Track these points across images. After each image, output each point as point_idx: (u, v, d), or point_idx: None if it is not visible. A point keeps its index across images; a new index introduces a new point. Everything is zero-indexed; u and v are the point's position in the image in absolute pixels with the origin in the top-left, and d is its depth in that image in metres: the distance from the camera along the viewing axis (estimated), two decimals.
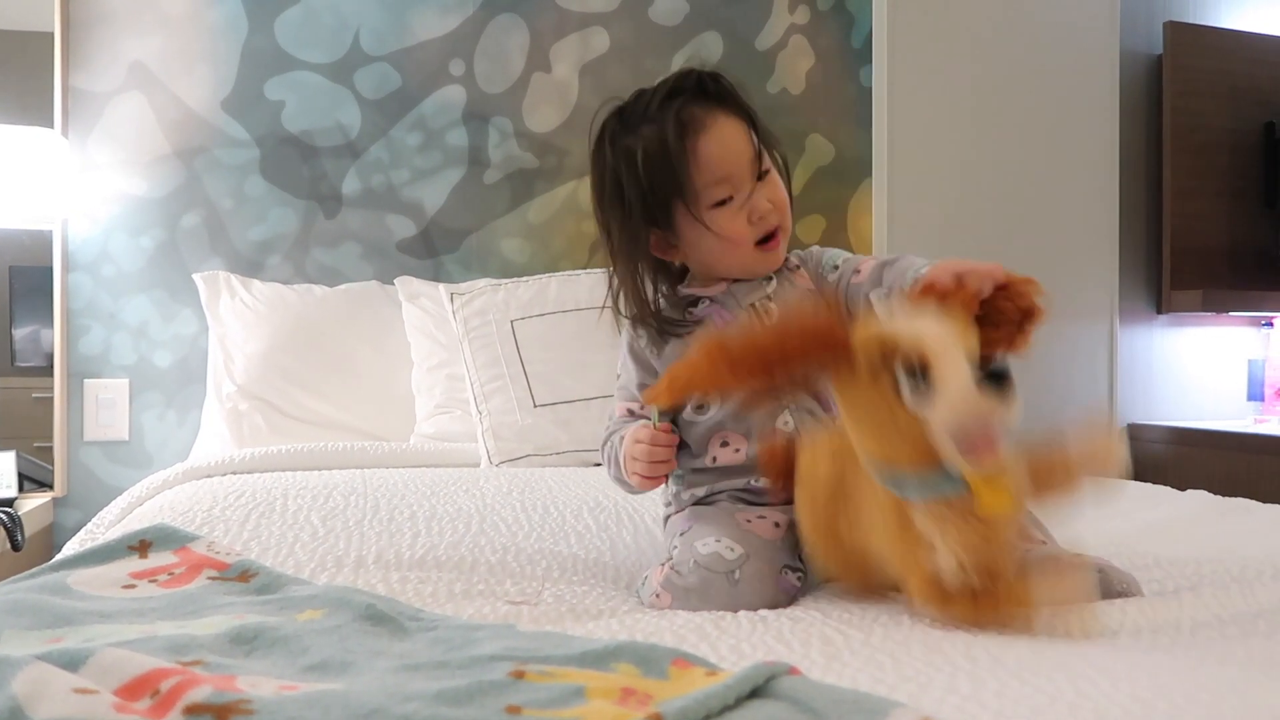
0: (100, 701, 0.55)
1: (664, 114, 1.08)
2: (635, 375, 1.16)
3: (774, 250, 1.13)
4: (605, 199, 1.14)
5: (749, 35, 2.55)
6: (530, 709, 0.58)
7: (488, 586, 1.00)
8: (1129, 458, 2.89)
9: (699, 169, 1.08)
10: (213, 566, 0.95)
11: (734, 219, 1.10)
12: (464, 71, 2.39)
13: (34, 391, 2.21)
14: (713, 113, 1.10)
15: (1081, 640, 0.79)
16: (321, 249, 2.31)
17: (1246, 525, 1.32)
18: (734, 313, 1.13)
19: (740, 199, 1.10)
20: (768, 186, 1.12)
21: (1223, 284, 2.83)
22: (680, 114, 1.08)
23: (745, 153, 1.10)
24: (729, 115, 1.10)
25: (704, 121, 1.09)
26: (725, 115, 1.10)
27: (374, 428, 2.08)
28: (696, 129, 1.08)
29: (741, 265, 1.14)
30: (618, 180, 1.11)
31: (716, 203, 1.10)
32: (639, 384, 1.16)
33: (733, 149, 1.09)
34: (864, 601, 0.96)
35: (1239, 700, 0.66)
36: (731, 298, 1.14)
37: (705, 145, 1.08)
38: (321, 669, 0.68)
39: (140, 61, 2.23)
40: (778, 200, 1.12)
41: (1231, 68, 2.85)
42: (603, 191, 1.14)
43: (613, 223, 1.14)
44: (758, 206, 1.10)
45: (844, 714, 0.58)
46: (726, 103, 1.11)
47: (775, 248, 1.13)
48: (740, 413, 1.08)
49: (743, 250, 1.12)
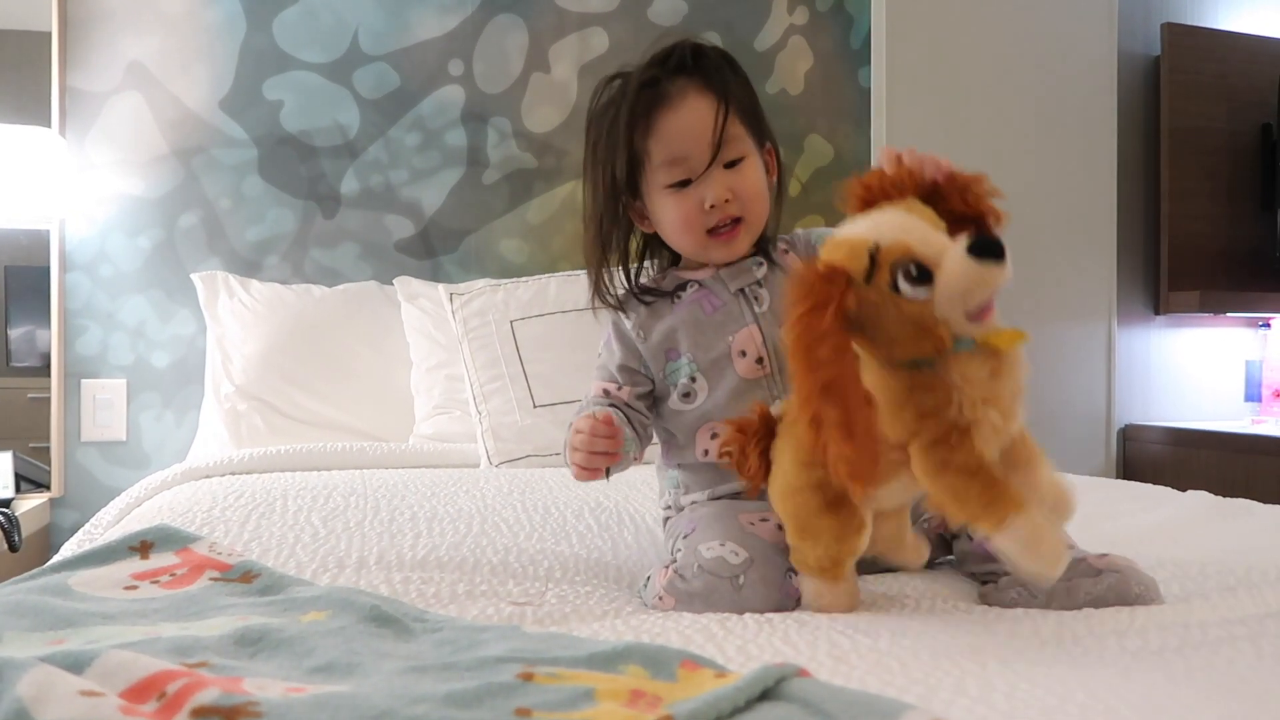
0: (106, 704, 0.55)
1: (641, 87, 1.08)
2: (619, 356, 1.15)
3: (728, 241, 1.10)
4: (588, 162, 1.15)
5: (748, 36, 2.55)
6: (540, 711, 0.58)
7: (491, 587, 0.99)
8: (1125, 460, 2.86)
9: (657, 145, 1.07)
10: (215, 567, 0.94)
11: (683, 202, 1.09)
12: (463, 71, 2.38)
13: (29, 391, 2.20)
14: (684, 90, 1.08)
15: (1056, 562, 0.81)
16: (320, 249, 2.31)
17: (1249, 526, 1.32)
18: (721, 298, 1.12)
19: (700, 183, 1.08)
20: (733, 175, 1.09)
21: (1220, 285, 2.83)
22: (647, 83, 1.07)
23: (705, 136, 1.07)
24: (702, 95, 1.08)
25: (670, 97, 1.07)
26: (698, 95, 1.08)
27: (373, 428, 2.08)
28: (662, 104, 1.07)
29: (694, 250, 1.13)
30: (595, 143, 1.12)
31: (675, 183, 1.08)
32: (620, 365, 1.14)
33: (691, 130, 1.07)
34: (870, 606, 0.96)
35: (1250, 701, 0.66)
36: (720, 283, 1.13)
37: (665, 122, 1.07)
38: (328, 671, 0.67)
39: (138, 61, 2.22)
40: (742, 190, 1.09)
41: (1229, 70, 2.86)
42: (586, 154, 1.15)
43: (592, 188, 1.14)
44: (710, 194, 1.07)
45: (855, 716, 0.58)
46: (708, 81, 1.08)
47: (728, 239, 1.10)
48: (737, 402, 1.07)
49: (693, 236, 1.10)
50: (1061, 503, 0.87)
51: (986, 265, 0.79)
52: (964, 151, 2.76)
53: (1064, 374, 2.70)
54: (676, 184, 1.08)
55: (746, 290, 1.12)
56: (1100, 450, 2.74)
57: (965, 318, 0.80)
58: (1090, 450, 2.72)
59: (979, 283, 0.79)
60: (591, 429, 1.00)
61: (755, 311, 1.12)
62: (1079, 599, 0.92)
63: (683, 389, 1.11)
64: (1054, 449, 0.85)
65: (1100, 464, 2.73)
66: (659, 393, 1.15)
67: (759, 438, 0.95)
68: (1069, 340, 2.71)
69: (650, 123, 1.07)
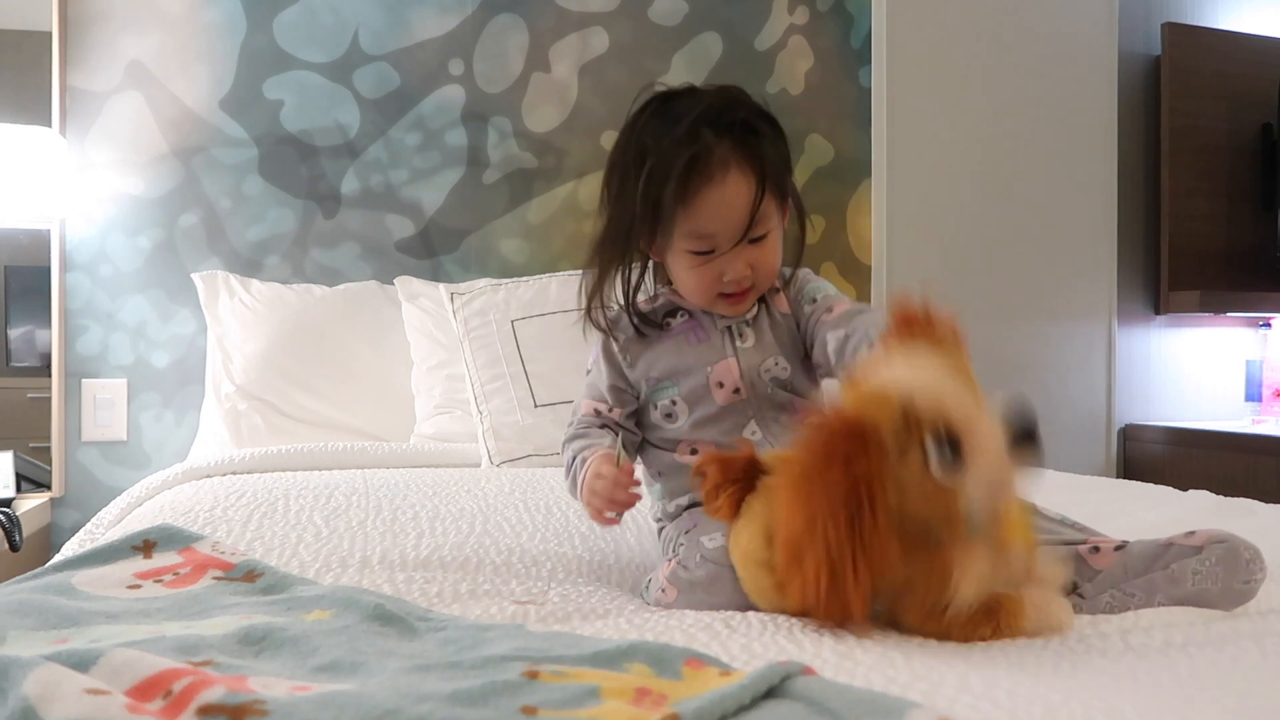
0: (112, 702, 0.55)
1: (687, 143, 1.04)
2: (607, 377, 1.15)
3: (736, 303, 1.12)
4: (610, 185, 1.12)
5: (748, 35, 2.55)
6: (546, 709, 0.58)
7: (494, 586, 0.99)
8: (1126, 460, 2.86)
9: (686, 214, 1.05)
10: (218, 567, 0.94)
11: (701, 271, 1.09)
12: (463, 71, 2.38)
13: (29, 391, 2.20)
14: (726, 163, 1.04)
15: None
16: (320, 249, 2.31)
17: (1250, 526, 1.32)
18: (707, 331, 1.14)
19: (721, 256, 1.07)
20: (755, 250, 1.08)
21: (1221, 285, 2.84)
22: (699, 154, 1.04)
23: (738, 220, 1.06)
24: (741, 172, 1.05)
25: (711, 170, 1.04)
26: (738, 171, 1.05)
27: (374, 428, 2.07)
28: (703, 176, 1.04)
29: (701, 303, 1.13)
30: (624, 175, 1.09)
31: (697, 251, 1.08)
32: (610, 386, 1.15)
33: (725, 213, 1.06)
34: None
35: (1253, 699, 0.66)
36: (709, 317, 1.14)
37: (700, 195, 1.04)
38: (332, 669, 0.67)
39: (138, 61, 2.22)
40: (761, 264, 1.09)
41: (1229, 69, 2.86)
42: (611, 176, 1.12)
43: (608, 211, 1.12)
44: (732, 269, 1.07)
45: (861, 714, 0.58)
46: (749, 154, 1.06)
47: (737, 301, 1.11)
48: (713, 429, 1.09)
49: (702, 296, 1.11)
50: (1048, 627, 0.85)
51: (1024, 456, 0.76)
52: (964, 151, 2.79)
53: (1064, 373, 2.70)
54: (698, 252, 1.08)
55: (733, 327, 1.14)
56: (1100, 450, 2.74)
57: (988, 500, 0.79)
58: (1091, 450, 2.73)
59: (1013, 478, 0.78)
60: (615, 479, 1.01)
61: (736, 346, 1.13)
62: (1186, 582, 0.89)
63: (664, 409, 1.13)
64: (1055, 449, 0.85)
65: (1100, 464, 2.74)
66: (640, 406, 1.16)
67: (736, 483, 0.94)
68: (1069, 340, 2.71)
69: (685, 191, 1.04)
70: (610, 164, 1.13)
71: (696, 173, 1.04)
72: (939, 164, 2.62)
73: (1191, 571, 0.89)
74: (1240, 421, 2.83)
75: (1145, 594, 0.90)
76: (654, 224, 1.07)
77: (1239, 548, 0.89)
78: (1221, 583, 0.88)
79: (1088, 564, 0.94)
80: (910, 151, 2.59)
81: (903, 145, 2.59)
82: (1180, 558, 0.90)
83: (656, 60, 2.50)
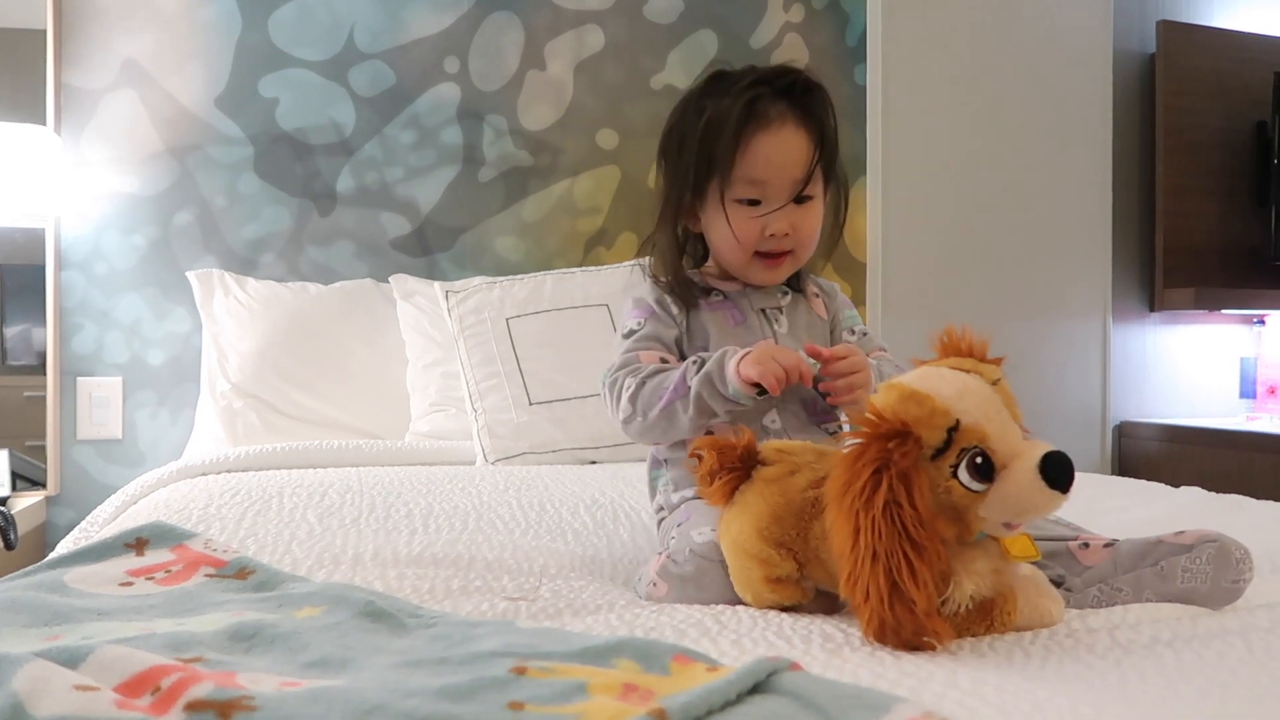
0: (101, 699, 0.55)
1: (743, 95, 1.08)
2: (667, 330, 1.15)
3: (773, 267, 1.14)
4: (668, 148, 1.16)
5: (744, 33, 2.56)
6: (533, 705, 0.58)
7: (485, 583, 1.00)
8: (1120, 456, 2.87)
9: (742, 160, 1.08)
10: (210, 564, 0.95)
11: (747, 221, 1.11)
12: (458, 69, 2.38)
13: (25, 390, 2.20)
14: (785, 117, 1.09)
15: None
16: (315, 247, 2.31)
17: (1241, 521, 1.33)
18: (744, 314, 1.15)
19: (766, 208, 1.10)
20: (800, 212, 1.11)
21: (1215, 282, 2.84)
22: (755, 102, 1.08)
23: (792, 168, 1.09)
24: (799, 128, 1.10)
25: (771, 120, 1.09)
26: (796, 126, 1.10)
27: (369, 426, 2.08)
28: (761, 122, 1.08)
29: (737, 266, 1.15)
30: (683, 134, 1.13)
31: (746, 200, 1.10)
32: (675, 339, 1.15)
33: (781, 158, 1.09)
34: None
35: (1240, 695, 0.67)
36: (744, 299, 1.16)
37: (759, 142, 1.08)
38: (322, 665, 0.67)
39: (133, 59, 2.22)
40: (803, 228, 1.12)
41: (1224, 67, 2.87)
42: (669, 139, 1.16)
43: (665, 173, 1.16)
44: (774, 224, 1.10)
45: (846, 709, 0.58)
46: (808, 118, 1.11)
47: (775, 265, 1.14)
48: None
49: (742, 253, 1.13)
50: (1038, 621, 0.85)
51: (1053, 494, 0.77)
52: (959, 149, 2.79)
53: (1059, 370, 2.71)
54: (745, 200, 1.11)
55: (768, 311, 1.16)
56: (1095, 446, 2.75)
57: (1003, 524, 0.80)
58: (1085, 446, 2.73)
59: (1038, 507, 0.78)
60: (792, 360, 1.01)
61: (774, 330, 1.15)
62: (1175, 579, 0.90)
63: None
64: None
65: (1095, 460, 2.74)
66: None
67: (733, 471, 0.95)
68: (1065, 337, 2.72)
69: (740, 136, 1.08)
70: (667, 129, 1.17)
71: (753, 119, 1.08)
72: (934, 161, 2.62)
73: (1181, 569, 0.89)
74: (1234, 418, 2.83)
75: (1133, 590, 0.91)
76: (708, 174, 1.10)
77: (1230, 547, 0.90)
78: (1210, 581, 0.89)
79: (1077, 559, 0.95)
80: (905, 149, 2.60)
81: (898, 143, 2.59)
82: (1170, 555, 0.90)
83: (652, 58, 2.50)
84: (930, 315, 2.44)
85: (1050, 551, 0.95)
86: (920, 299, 2.62)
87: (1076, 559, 0.95)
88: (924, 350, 1.23)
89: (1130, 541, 0.94)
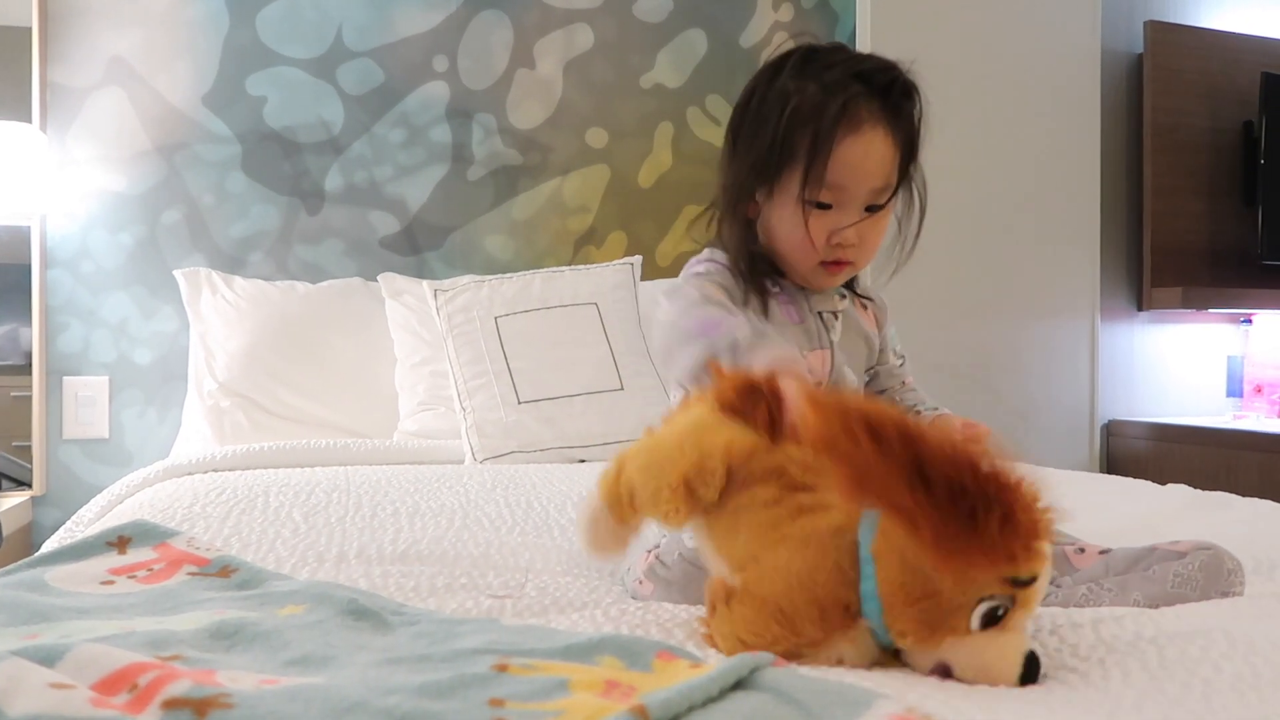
0: (76, 696, 0.55)
1: (837, 90, 1.01)
2: (730, 301, 1.04)
3: (834, 274, 1.08)
4: (742, 127, 1.07)
5: (733, 33, 2.56)
6: (513, 701, 0.58)
7: (470, 580, 0.99)
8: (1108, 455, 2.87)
9: (823, 161, 1.01)
10: (192, 562, 0.94)
11: (816, 225, 1.03)
12: (447, 68, 2.38)
13: (12, 390, 2.19)
14: (875, 122, 1.02)
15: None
16: (304, 245, 2.30)
17: (1227, 518, 1.33)
18: (802, 314, 1.10)
19: (839, 213, 1.04)
20: (870, 223, 1.05)
21: (1202, 281, 2.85)
22: (850, 102, 1.00)
23: (874, 178, 1.03)
24: (887, 136, 1.03)
25: (862, 123, 1.01)
26: (886, 133, 1.03)
27: (357, 425, 2.07)
28: (852, 124, 1.01)
29: (797, 266, 1.08)
30: (761, 116, 1.04)
31: (818, 202, 1.03)
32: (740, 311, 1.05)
33: (865, 166, 1.02)
34: None
35: (1223, 690, 0.67)
36: (803, 298, 1.10)
37: (846, 145, 1.01)
38: (303, 663, 0.67)
39: (120, 56, 2.21)
40: (868, 238, 1.06)
41: (1211, 67, 2.88)
42: (743, 118, 1.07)
43: (734, 154, 1.07)
44: (845, 234, 1.04)
45: (827, 705, 0.58)
46: (897, 122, 1.04)
47: (835, 272, 1.07)
48: None
49: (805, 257, 1.06)
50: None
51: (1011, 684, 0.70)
52: (947, 148, 2.78)
53: (1047, 370, 2.71)
54: (816, 203, 1.03)
55: (824, 315, 1.11)
56: (1083, 445, 2.75)
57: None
58: (1073, 445, 2.74)
59: (987, 680, 0.70)
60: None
61: (831, 339, 1.10)
62: (1165, 584, 0.89)
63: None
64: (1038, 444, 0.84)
65: (1083, 459, 2.75)
66: None
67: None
68: (1052, 336, 2.72)
69: (828, 135, 1.00)
70: (742, 105, 1.07)
71: (843, 121, 1.00)
72: (922, 161, 2.62)
73: (1173, 574, 0.89)
74: (1221, 417, 2.84)
75: (1121, 591, 0.91)
76: (782, 166, 1.02)
77: (1223, 556, 0.90)
78: (1200, 589, 0.89)
79: (1070, 562, 0.95)
80: None
81: None
82: (1159, 560, 0.91)
83: (641, 57, 2.50)
84: (918, 314, 2.43)
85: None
86: (908, 298, 2.61)
87: (1070, 562, 0.95)
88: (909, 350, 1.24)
89: (1125, 549, 0.94)
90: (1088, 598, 0.92)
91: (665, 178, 2.52)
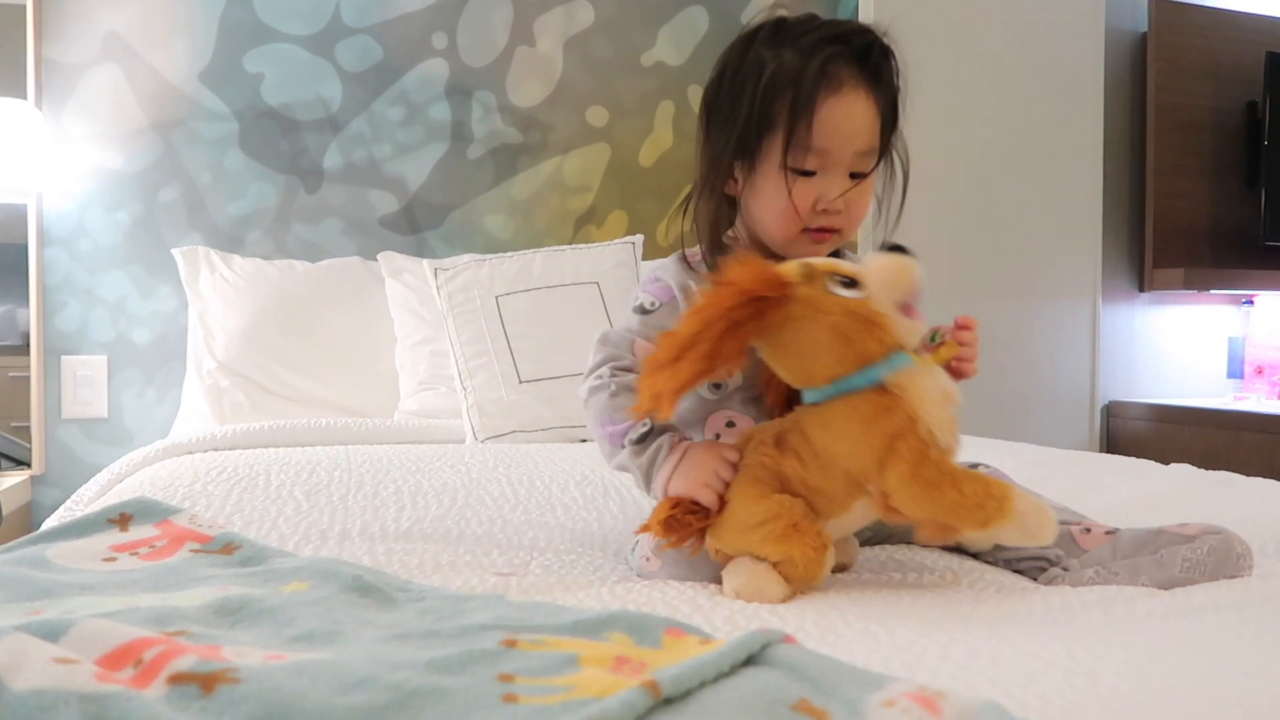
0: (81, 671, 0.54)
1: (814, 53, 0.97)
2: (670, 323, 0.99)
3: (818, 242, 1.03)
4: (716, 103, 1.03)
5: (734, 10, 2.53)
6: (523, 677, 0.57)
7: (474, 558, 0.99)
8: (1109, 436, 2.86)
9: (803, 126, 0.97)
10: (195, 539, 0.93)
11: (800, 192, 0.99)
12: (447, 45, 2.36)
13: (10, 370, 2.17)
14: (855, 84, 0.98)
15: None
16: (303, 224, 2.28)
17: (1230, 497, 1.33)
18: None
19: (822, 179, 0.99)
20: (855, 188, 1.01)
21: (1204, 262, 2.85)
22: (828, 63, 0.97)
23: (857, 140, 0.99)
24: (869, 98, 0.99)
25: (843, 84, 0.97)
26: (866, 96, 0.99)
27: (357, 404, 2.06)
28: (832, 86, 0.97)
29: (780, 238, 1.04)
30: (737, 88, 1.01)
31: (799, 169, 0.99)
32: None
33: (848, 128, 0.98)
34: (858, 577, 0.96)
35: (1234, 667, 0.66)
36: None
37: (828, 107, 0.97)
38: (309, 639, 0.66)
39: (115, 32, 2.18)
40: (855, 206, 1.02)
41: (1215, 46, 2.86)
42: (717, 92, 1.03)
43: (710, 131, 1.04)
44: (829, 198, 0.99)
45: (840, 683, 0.57)
46: (878, 85, 1.00)
47: (819, 239, 1.02)
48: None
49: (788, 225, 1.02)
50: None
51: (903, 257, 0.90)
52: (950, 128, 2.77)
53: (1049, 351, 2.71)
54: (799, 170, 0.99)
55: None
56: (1084, 426, 2.75)
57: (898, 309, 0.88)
58: (1074, 426, 2.74)
59: (902, 270, 0.89)
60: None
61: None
62: (1174, 568, 0.89)
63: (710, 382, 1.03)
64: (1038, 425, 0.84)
65: (1084, 440, 2.75)
66: None
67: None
68: (1054, 317, 2.72)
69: (807, 99, 0.97)
70: (715, 80, 1.04)
71: (823, 83, 0.97)
72: (924, 143, 2.60)
73: (1181, 558, 0.89)
74: (1222, 398, 2.84)
75: (1130, 574, 0.90)
76: (762, 136, 0.99)
77: (1232, 540, 0.89)
78: (1210, 573, 0.88)
79: (1077, 544, 0.94)
80: None
81: None
82: (1169, 544, 0.90)
83: (642, 34, 2.48)
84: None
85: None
86: None
87: (1076, 543, 0.94)
88: None
89: (1132, 530, 0.93)
90: (1095, 580, 0.92)
91: (666, 156, 2.50)
